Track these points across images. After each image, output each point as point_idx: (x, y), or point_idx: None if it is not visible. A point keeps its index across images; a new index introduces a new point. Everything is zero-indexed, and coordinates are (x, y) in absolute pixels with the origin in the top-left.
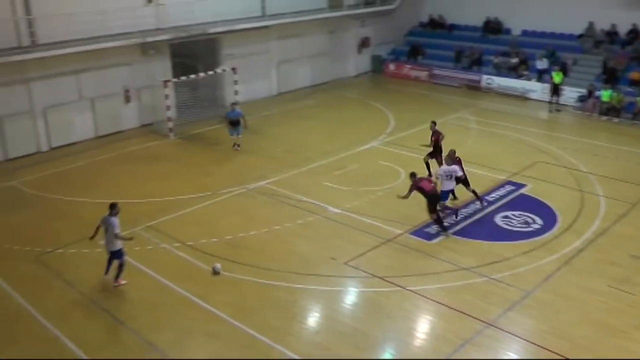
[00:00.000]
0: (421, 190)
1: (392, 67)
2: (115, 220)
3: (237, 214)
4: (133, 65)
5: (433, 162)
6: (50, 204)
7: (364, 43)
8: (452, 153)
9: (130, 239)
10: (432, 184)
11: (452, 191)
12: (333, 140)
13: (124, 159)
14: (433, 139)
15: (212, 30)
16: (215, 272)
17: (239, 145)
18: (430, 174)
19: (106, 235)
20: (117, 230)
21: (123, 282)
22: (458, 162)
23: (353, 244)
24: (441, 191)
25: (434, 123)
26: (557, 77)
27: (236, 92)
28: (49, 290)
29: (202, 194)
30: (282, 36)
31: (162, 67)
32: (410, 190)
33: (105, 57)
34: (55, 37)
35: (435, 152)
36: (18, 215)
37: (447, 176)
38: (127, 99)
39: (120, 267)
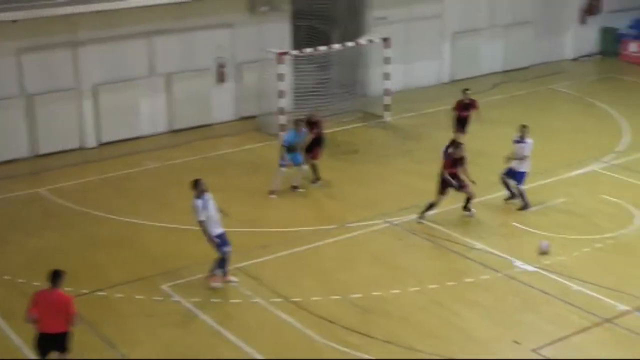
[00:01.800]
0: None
1: (634, 47)
2: (197, 203)
3: (373, 260)
4: (234, 28)
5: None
6: (93, 224)
7: (591, 8)
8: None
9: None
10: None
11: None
12: (531, 157)
13: (210, 167)
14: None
15: None
16: (543, 252)
17: (296, 187)
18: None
19: None
20: (199, 216)
21: (233, 278)
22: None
23: (550, 322)
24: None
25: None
26: None
27: (387, 76)
28: (80, 348)
29: (323, 227)
30: None
31: (278, 33)
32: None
33: (194, 14)
34: None
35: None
36: (43, 238)
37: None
38: (221, 78)
39: (222, 260)
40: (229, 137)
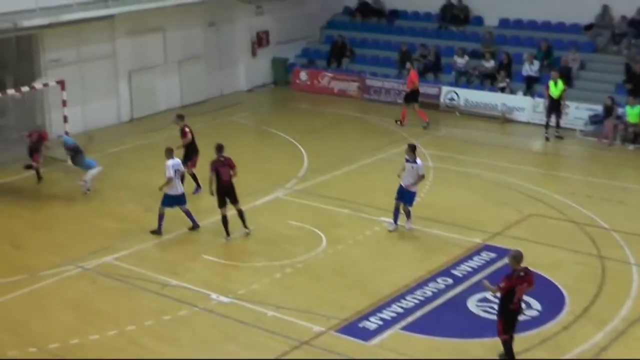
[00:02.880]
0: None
1: (303, 76)
2: None
3: (68, 308)
4: None
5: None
6: None
7: (260, 41)
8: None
9: None
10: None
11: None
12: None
13: None
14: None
15: (26, 24)
16: None
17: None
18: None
19: None
20: None
21: None
22: None
23: (249, 350)
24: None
25: (181, 117)
26: (555, 89)
27: (65, 118)
28: None
29: (11, 279)
30: (134, 31)
31: None
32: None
33: None
34: None
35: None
36: None
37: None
38: None
39: None
40: None
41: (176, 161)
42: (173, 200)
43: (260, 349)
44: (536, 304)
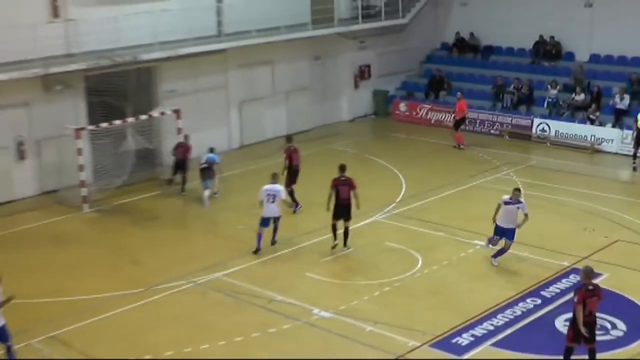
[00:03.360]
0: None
1: (403, 107)
2: None
3: (181, 319)
4: (31, 107)
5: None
6: None
7: (362, 74)
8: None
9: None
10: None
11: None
12: (319, 211)
13: (15, 241)
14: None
15: (145, 57)
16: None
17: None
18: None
19: None
20: None
21: None
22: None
23: None
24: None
25: (288, 139)
26: None
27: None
28: None
29: (129, 291)
30: (245, 64)
31: (74, 110)
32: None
33: None
34: None
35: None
36: None
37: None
38: (21, 155)
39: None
40: (33, 211)
41: (271, 187)
42: (267, 221)
43: None
44: (622, 325)
